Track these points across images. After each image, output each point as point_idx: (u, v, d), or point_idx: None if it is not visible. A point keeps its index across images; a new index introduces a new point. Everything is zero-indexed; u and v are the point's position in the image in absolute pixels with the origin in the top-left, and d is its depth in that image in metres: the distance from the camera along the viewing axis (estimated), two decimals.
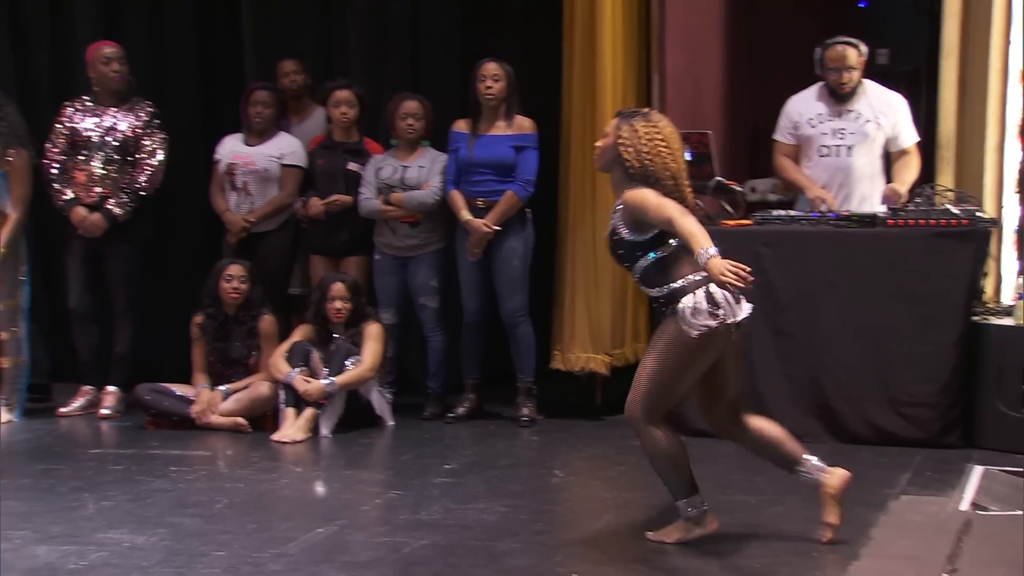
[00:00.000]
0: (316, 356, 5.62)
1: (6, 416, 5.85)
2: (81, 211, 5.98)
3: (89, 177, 6.00)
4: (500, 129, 5.81)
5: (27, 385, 6.01)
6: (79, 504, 4.26)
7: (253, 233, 6.13)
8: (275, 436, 5.42)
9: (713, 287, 3.56)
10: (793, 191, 5.77)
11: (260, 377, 5.73)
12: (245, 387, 5.71)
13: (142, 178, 6.02)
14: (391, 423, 5.74)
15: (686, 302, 3.58)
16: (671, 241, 3.66)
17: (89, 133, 6.02)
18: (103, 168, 6.01)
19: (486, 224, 5.75)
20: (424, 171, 5.92)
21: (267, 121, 6.15)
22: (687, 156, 5.36)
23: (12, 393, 5.92)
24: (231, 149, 6.20)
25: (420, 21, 6.66)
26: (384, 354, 5.74)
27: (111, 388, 6.08)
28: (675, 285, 3.63)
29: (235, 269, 5.81)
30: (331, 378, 5.51)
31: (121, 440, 5.60)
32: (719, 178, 5.41)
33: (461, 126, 5.89)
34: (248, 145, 6.17)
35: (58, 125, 6.09)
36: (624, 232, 3.71)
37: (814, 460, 3.75)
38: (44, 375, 6.39)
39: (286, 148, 6.16)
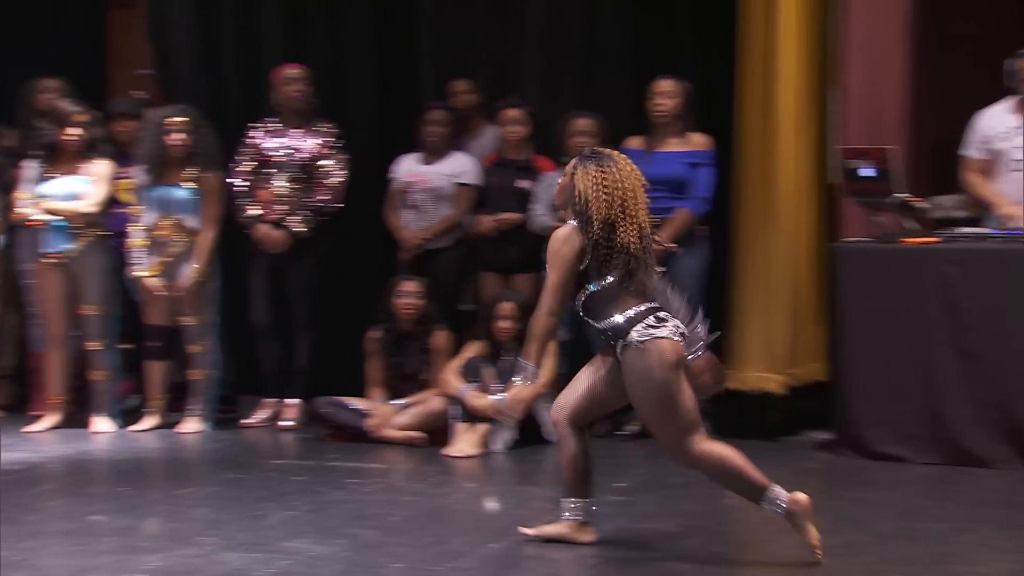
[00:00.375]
0: (488, 372, 5.67)
1: (198, 426, 6.10)
2: (264, 227, 6.19)
3: (273, 195, 6.21)
4: (673, 146, 5.77)
5: (217, 397, 6.26)
6: (263, 513, 4.39)
7: (427, 250, 6.24)
8: (447, 451, 5.49)
9: (662, 312, 3.63)
10: (982, 207, 5.54)
11: (434, 392, 5.82)
12: (419, 402, 5.81)
13: (323, 197, 6.20)
14: None
15: (635, 336, 3.60)
16: (608, 277, 3.66)
17: (274, 153, 6.24)
18: (286, 187, 6.21)
19: (656, 240, 5.69)
20: None
21: (442, 140, 6.25)
22: (870, 172, 5.27)
23: (203, 404, 6.16)
24: (407, 168, 6.33)
25: (596, 38, 6.65)
26: (556, 371, 5.75)
27: (292, 401, 6.25)
28: (619, 320, 3.64)
29: (409, 285, 5.92)
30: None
31: (301, 452, 5.77)
32: (900, 194, 5.24)
33: (633, 143, 5.86)
34: (424, 164, 6.29)
35: (244, 146, 6.33)
36: None
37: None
38: (230, 387, 6.65)
39: (461, 167, 6.25)
